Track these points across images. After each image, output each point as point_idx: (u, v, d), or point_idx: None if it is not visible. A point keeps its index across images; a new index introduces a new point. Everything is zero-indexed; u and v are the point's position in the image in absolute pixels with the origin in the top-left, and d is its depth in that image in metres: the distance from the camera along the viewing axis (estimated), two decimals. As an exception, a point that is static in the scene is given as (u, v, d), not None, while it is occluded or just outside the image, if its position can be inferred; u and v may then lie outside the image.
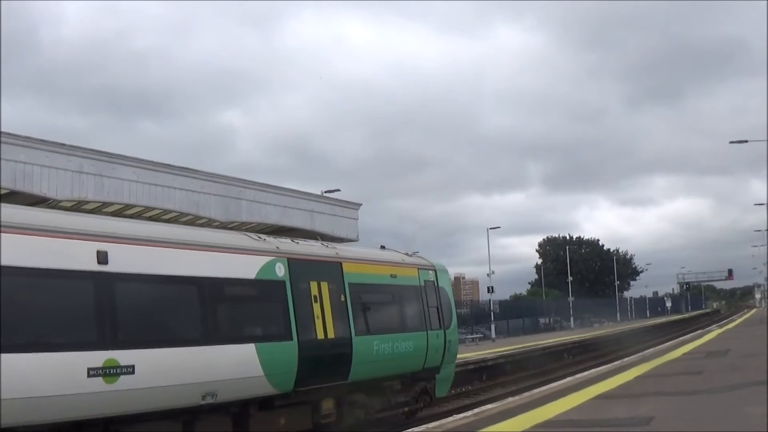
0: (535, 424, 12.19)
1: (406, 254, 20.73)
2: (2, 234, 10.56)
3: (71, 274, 11.47)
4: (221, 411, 13.69)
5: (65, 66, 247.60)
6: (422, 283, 19.77)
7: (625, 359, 28.20)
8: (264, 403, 14.59)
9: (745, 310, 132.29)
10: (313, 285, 15.94)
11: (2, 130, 23.41)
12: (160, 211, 29.37)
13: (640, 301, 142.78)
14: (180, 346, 12.79)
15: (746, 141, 54.20)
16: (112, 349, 11.54)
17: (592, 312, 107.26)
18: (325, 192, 43.90)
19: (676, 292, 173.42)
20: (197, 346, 13.06)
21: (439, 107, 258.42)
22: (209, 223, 29.75)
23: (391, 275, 18.78)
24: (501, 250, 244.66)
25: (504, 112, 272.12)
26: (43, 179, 24.87)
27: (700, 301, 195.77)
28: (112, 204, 27.65)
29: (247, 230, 24.74)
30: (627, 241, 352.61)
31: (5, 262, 10.44)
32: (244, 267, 14.50)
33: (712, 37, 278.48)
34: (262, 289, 14.95)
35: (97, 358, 11.28)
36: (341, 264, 17.06)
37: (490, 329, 60.89)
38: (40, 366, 10.62)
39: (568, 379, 21.43)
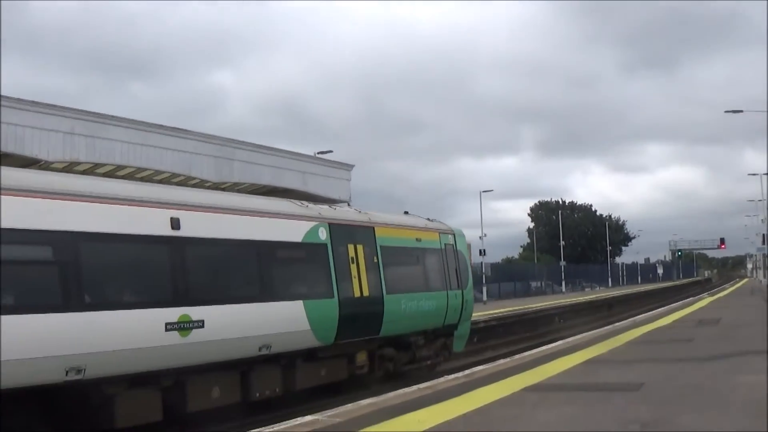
0: (525, 387, 12.21)
1: (428, 219, 22.35)
2: (94, 204, 11.94)
3: (150, 239, 12.73)
4: (273, 362, 15.15)
5: (53, 26, 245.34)
6: (443, 246, 21.54)
7: (617, 324, 28.31)
8: (309, 355, 16.11)
9: (737, 280, 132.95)
10: (351, 247, 17.44)
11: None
12: (152, 171, 29.21)
13: (632, 268, 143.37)
14: (241, 303, 14.19)
15: (742, 111, 54.21)
16: (186, 305, 12.86)
17: (584, 277, 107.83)
18: (318, 153, 43.77)
19: (668, 259, 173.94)
20: (255, 302, 14.51)
21: (433, 70, 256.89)
22: (201, 184, 29.61)
23: (416, 239, 20.49)
24: (493, 214, 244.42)
25: (498, 77, 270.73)
26: (35, 141, 24.68)
27: (691, 269, 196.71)
28: (104, 165, 27.47)
29: (239, 191, 24.64)
30: (619, 208, 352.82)
31: (99, 228, 11.87)
32: (293, 231, 15.98)
33: (710, 7, 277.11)
34: (308, 251, 16.41)
35: (173, 314, 12.60)
36: (374, 228, 18.62)
37: (481, 292, 60.99)
38: (125, 322, 11.86)
39: (559, 342, 21.49)
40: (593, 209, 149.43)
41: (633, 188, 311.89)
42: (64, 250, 11.42)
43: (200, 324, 12.90)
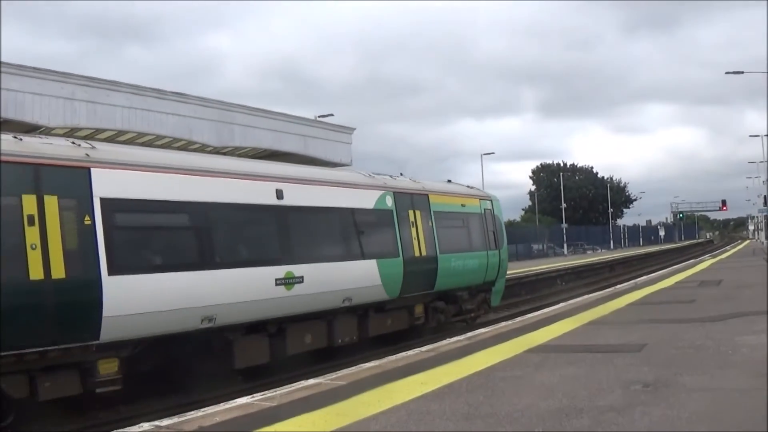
0: (528, 349, 12.26)
1: (469, 186, 25.59)
2: (220, 178, 14.35)
3: (261, 207, 15.31)
4: (351, 312, 17.85)
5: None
6: (482, 211, 24.45)
7: (618, 286, 28.35)
8: (378, 307, 18.87)
9: (738, 241, 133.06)
10: (410, 213, 20.15)
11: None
12: (153, 136, 29.18)
13: (633, 230, 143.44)
14: (330, 261, 16.83)
15: (742, 72, 54.13)
16: (290, 264, 15.44)
17: (585, 239, 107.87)
18: (319, 117, 43.63)
19: (669, 221, 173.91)
20: (341, 261, 17.25)
21: (432, 31, 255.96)
22: (202, 149, 29.56)
23: (461, 204, 23.37)
24: (495, 176, 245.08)
25: (498, 37, 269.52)
26: (36, 107, 24.63)
27: (693, 231, 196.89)
28: (104, 131, 27.45)
29: (239, 155, 24.71)
30: (620, 169, 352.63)
31: (224, 199, 14.31)
32: (367, 199, 18.71)
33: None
34: (378, 216, 19.01)
35: (281, 271, 15.16)
36: (428, 195, 21.36)
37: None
38: (246, 278, 14.33)
39: (561, 304, 21.57)
40: (594, 171, 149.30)
41: (634, 150, 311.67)
42: (199, 218, 13.94)
43: (300, 279, 15.51)
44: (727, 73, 55.31)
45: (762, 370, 8.92)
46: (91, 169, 12.04)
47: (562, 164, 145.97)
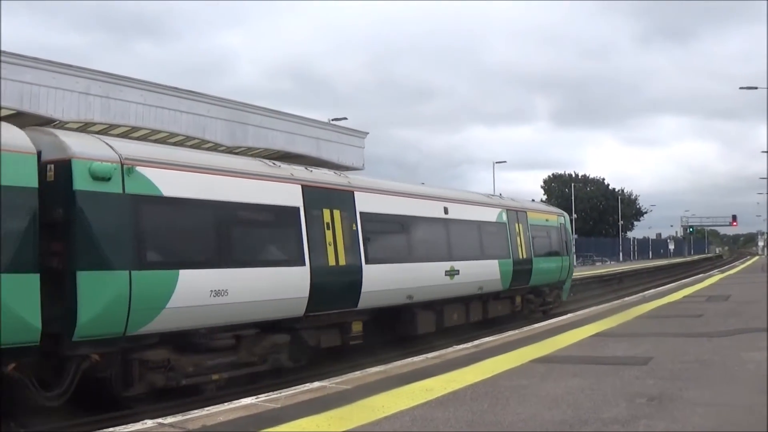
0: (534, 359, 12.26)
1: (545, 203, 33.94)
2: (413, 198, 20.52)
3: (437, 219, 21.24)
4: (479, 298, 23.43)
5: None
6: (559, 225, 30.88)
7: (626, 299, 28.32)
8: (495, 296, 24.57)
9: (748, 257, 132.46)
10: (517, 225, 26.28)
11: (1, 48, 23.16)
12: (167, 134, 29.21)
13: (643, 242, 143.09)
14: (472, 260, 22.40)
15: (756, 88, 53.77)
16: (452, 260, 21.19)
17: (595, 250, 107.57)
18: (332, 120, 43.61)
19: (679, 235, 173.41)
20: (478, 260, 22.81)
21: (445, 35, 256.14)
22: (215, 148, 29.59)
23: (546, 219, 29.70)
24: (506, 184, 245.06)
25: (512, 44, 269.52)
26: (50, 100, 24.65)
27: (702, 246, 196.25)
28: (118, 126, 27.47)
29: (253, 155, 24.79)
30: (631, 181, 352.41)
31: (416, 213, 20.18)
32: (491, 214, 24.84)
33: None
34: (498, 227, 24.95)
35: (448, 265, 20.94)
36: (526, 212, 27.71)
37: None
38: (430, 269, 20.15)
39: (569, 315, 21.58)
40: (605, 183, 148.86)
41: (645, 161, 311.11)
42: (406, 226, 19.82)
43: (458, 272, 21.21)
44: (741, 88, 54.95)
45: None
46: (354, 192, 17.78)
47: (573, 175, 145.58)
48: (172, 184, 12.88)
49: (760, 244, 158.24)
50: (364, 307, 17.38)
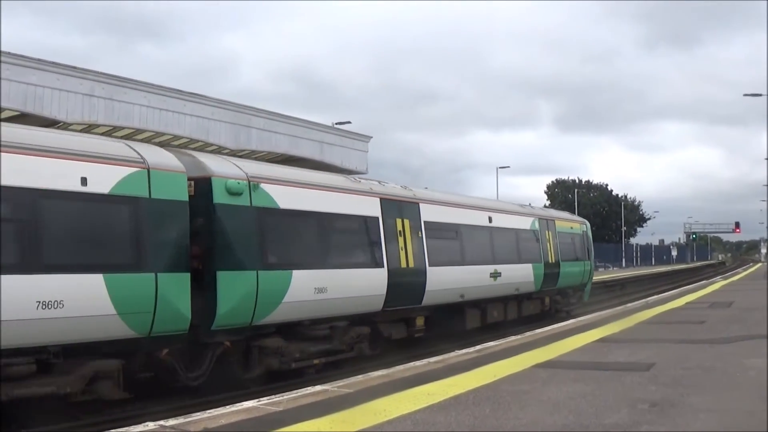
0: (536, 364, 12.25)
1: (572, 214, 37.33)
2: (470, 210, 23.59)
3: (484, 227, 23.94)
4: (515, 299, 26.07)
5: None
6: (582, 232, 33.92)
7: (629, 305, 28.30)
8: (528, 296, 27.18)
9: (750, 264, 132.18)
10: (546, 232, 29.07)
11: (4, 50, 23.20)
12: (171, 136, 29.26)
13: (646, 249, 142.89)
14: (512, 264, 25.11)
15: (760, 95, 53.73)
16: (495, 264, 23.76)
17: (598, 256, 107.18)
18: (336, 124, 43.61)
19: (682, 241, 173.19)
20: (515, 264, 25.49)
21: (449, 39, 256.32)
22: (219, 150, 29.62)
23: (571, 227, 32.70)
24: (509, 190, 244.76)
25: (516, 49, 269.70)
26: (54, 102, 24.72)
27: (705, 252, 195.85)
28: (122, 128, 27.54)
29: (256, 158, 24.91)
30: (635, 187, 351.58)
31: (469, 222, 23.00)
32: (526, 222, 27.66)
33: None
34: (531, 234, 27.73)
35: (492, 268, 23.54)
36: (555, 221, 30.72)
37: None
38: (478, 272, 22.77)
39: (571, 321, 21.56)
40: (609, 189, 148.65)
41: (649, 167, 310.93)
42: (461, 233, 22.32)
43: (500, 274, 23.81)
44: (745, 95, 55.01)
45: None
46: (420, 204, 20.47)
47: (577, 180, 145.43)
48: (285, 198, 15.38)
49: (763, 251, 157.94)
50: (427, 304, 20.06)
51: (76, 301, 11.08)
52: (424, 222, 20.24)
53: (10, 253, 10.55)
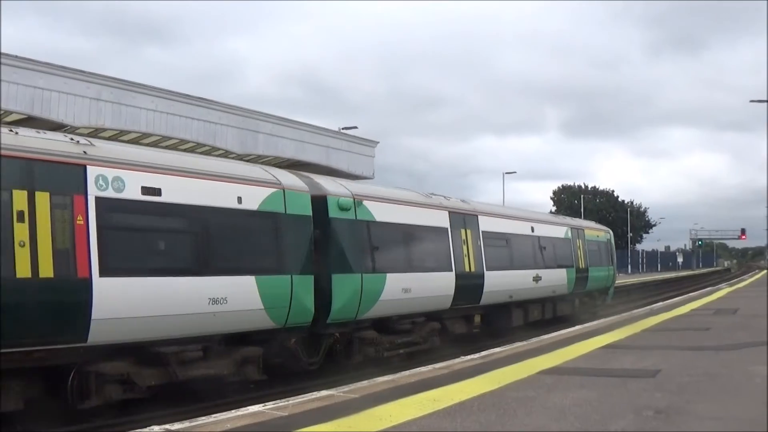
0: (542, 370, 12.25)
1: (594, 222, 40.77)
2: (517, 221, 26.25)
3: (527, 236, 26.38)
4: (551, 300, 28.40)
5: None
6: (606, 240, 36.67)
7: (634, 311, 28.25)
8: (561, 298, 29.48)
9: (756, 270, 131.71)
10: (577, 240, 31.57)
11: (8, 52, 23.25)
12: (178, 140, 29.32)
13: (652, 255, 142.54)
14: (548, 269, 27.45)
15: (767, 101, 53.52)
16: (537, 269, 26.41)
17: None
18: (343, 129, 43.64)
19: (688, 247, 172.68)
20: (552, 269, 27.93)
21: (455, 44, 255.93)
22: (225, 155, 29.66)
23: (597, 235, 35.32)
24: (515, 195, 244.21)
25: (522, 54, 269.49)
26: (61, 105, 24.80)
27: (711, 259, 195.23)
28: (129, 132, 27.60)
29: (263, 163, 24.94)
30: (641, 193, 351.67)
31: (514, 231, 25.41)
32: (561, 231, 30.28)
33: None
34: (564, 242, 30.12)
35: (534, 272, 26.14)
36: (584, 229, 33.45)
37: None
38: (522, 276, 25.14)
39: (577, 327, 21.51)
40: (615, 194, 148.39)
41: (654, 173, 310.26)
42: (507, 241, 24.62)
43: (540, 278, 26.33)
44: (751, 101, 54.77)
45: (775, 402, 8.88)
46: (478, 215, 22.92)
47: (583, 186, 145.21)
48: (380, 212, 18.05)
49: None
50: (483, 303, 22.59)
51: (235, 298, 13.50)
52: (482, 231, 22.78)
53: (189, 259, 13.14)
